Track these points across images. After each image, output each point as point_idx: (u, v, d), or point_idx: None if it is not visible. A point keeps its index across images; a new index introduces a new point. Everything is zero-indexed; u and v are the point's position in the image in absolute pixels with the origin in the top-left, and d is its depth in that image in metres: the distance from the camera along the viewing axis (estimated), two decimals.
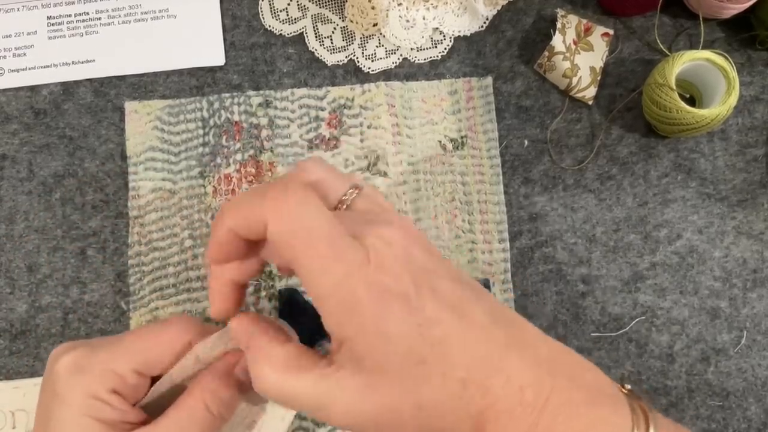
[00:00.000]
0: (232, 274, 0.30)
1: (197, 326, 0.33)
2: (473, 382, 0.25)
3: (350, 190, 0.29)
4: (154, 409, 0.32)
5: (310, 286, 0.26)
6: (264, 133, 0.49)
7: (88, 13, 0.50)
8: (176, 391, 0.32)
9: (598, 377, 0.27)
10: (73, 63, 0.50)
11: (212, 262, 0.30)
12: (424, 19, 0.50)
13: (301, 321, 0.43)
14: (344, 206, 0.29)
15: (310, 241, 0.25)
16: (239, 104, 0.49)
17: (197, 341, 0.33)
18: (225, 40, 0.50)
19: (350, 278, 0.25)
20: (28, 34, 0.50)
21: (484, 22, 0.50)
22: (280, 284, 0.47)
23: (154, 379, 0.33)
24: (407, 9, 0.50)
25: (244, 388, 0.33)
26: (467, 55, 0.50)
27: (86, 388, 0.30)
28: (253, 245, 0.29)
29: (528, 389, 0.25)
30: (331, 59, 0.50)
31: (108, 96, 0.49)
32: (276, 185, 0.27)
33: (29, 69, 0.50)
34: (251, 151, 0.48)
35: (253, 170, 0.48)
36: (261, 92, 0.49)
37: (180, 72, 0.50)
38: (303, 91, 0.49)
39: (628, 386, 0.28)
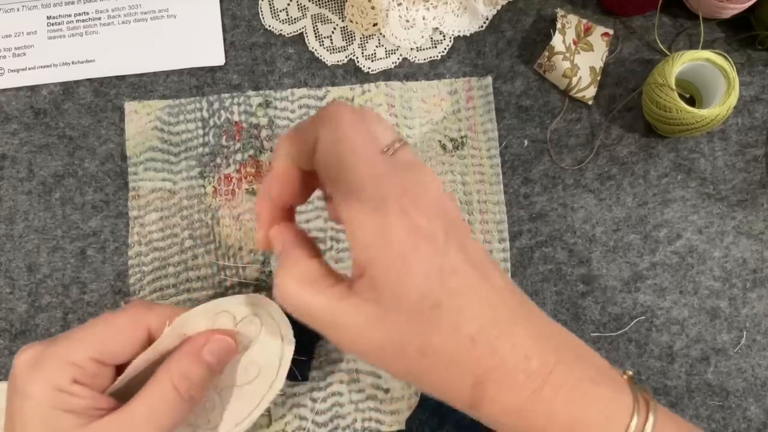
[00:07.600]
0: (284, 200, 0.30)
1: (153, 309, 0.34)
2: (482, 340, 0.25)
3: (396, 141, 0.29)
4: (125, 395, 0.32)
5: (344, 206, 0.26)
6: (264, 133, 0.49)
7: (88, 13, 0.50)
8: (147, 377, 0.33)
9: (601, 361, 0.28)
10: (73, 63, 0.50)
11: (269, 197, 0.30)
12: (424, 19, 0.50)
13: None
14: (390, 153, 0.28)
15: (351, 158, 0.26)
16: (239, 104, 0.49)
17: (155, 325, 0.33)
18: (225, 40, 0.50)
19: (385, 204, 0.25)
20: (28, 34, 0.50)
21: (484, 22, 0.50)
22: None
23: (122, 367, 0.33)
24: (407, 9, 0.50)
25: (213, 370, 0.33)
26: (467, 55, 0.50)
27: (46, 380, 0.30)
28: (306, 183, 0.30)
29: (534, 358, 0.26)
30: (330, 59, 0.50)
31: (108, 96, 0.49)
32: (330, 107, 0.28)
33: (29, 69, 0.50)
34: (251, 151, 0.48)
35: (253, 170, 0.48)
36: (261, 92, 0.49)
37: (180, 72, 0.50)
38: (303, 91, 0.49)
39: (630, 372, 0.29)
